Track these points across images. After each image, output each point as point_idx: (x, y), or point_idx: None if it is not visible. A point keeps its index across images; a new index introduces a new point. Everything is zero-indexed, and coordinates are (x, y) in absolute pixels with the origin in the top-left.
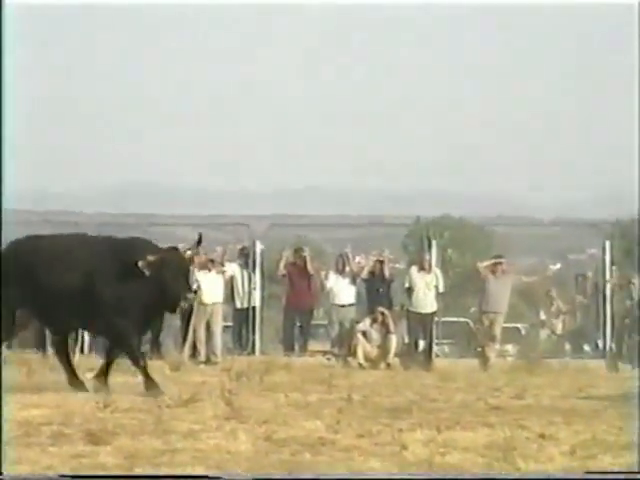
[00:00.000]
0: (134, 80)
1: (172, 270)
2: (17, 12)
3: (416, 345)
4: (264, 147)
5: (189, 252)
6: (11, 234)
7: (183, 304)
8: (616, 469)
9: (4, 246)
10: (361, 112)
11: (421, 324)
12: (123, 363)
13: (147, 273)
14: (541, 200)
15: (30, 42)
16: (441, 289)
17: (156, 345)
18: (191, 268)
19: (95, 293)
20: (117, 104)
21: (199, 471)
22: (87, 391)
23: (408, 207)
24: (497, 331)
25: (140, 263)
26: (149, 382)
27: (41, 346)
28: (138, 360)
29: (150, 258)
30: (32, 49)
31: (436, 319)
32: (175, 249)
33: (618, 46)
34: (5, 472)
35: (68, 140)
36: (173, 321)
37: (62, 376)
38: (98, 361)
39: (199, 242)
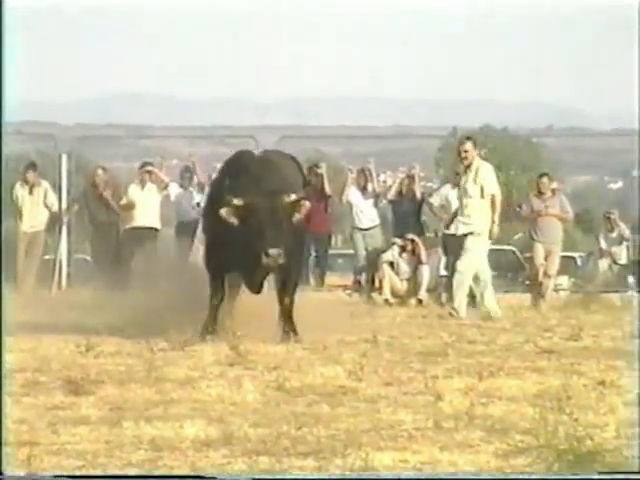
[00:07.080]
0: None
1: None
2: None
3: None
4: (272, 50)
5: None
6: None
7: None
8: None
9: None
10: None
11: (459, 251)
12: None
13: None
14: (599, 109)
15: None
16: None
17: None
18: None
19: None
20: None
21: (198, 424)
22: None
23: (442, 117)
24: (554, 266)
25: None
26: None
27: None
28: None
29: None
30: None
31: None
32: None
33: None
34: (5, 473)
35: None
36: None
37: (36, 315)
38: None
39: None
